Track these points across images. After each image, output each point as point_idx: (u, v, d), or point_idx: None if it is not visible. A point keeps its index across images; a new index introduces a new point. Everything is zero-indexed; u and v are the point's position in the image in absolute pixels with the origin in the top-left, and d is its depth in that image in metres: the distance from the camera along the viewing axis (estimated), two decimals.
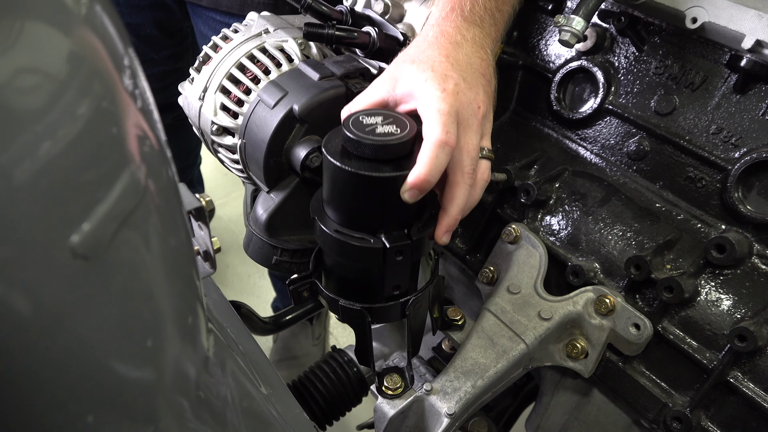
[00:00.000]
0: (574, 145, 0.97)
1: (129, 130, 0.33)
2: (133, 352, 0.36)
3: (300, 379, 1.19)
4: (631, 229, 0.86)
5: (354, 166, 0.67)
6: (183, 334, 0.45)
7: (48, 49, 0.27)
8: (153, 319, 0.38)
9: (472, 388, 0.81)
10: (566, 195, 0.93)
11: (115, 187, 0.31)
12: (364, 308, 0.76)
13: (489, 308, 0.89)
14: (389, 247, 0.70)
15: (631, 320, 0.81)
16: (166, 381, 0.42)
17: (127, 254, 0.33)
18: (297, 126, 0.82)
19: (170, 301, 0.41)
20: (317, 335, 1.99)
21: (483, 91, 0.73)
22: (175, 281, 0.41)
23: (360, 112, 0.71)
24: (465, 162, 0.69)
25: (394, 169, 0.67)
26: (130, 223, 0.33)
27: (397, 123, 0.70)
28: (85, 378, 0.32)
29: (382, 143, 0.67)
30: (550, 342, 0.87)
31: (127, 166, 0.32)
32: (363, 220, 0.71)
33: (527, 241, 0.92)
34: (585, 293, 0.85)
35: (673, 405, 0.80)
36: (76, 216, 0.28)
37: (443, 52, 0.73)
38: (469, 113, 0.70)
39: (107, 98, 0.30)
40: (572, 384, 0.94)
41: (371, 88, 0.76)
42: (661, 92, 0.86)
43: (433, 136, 0.67)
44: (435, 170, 0.66)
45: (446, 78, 0.70)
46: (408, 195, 0.67)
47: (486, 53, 0.77)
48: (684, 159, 0.84)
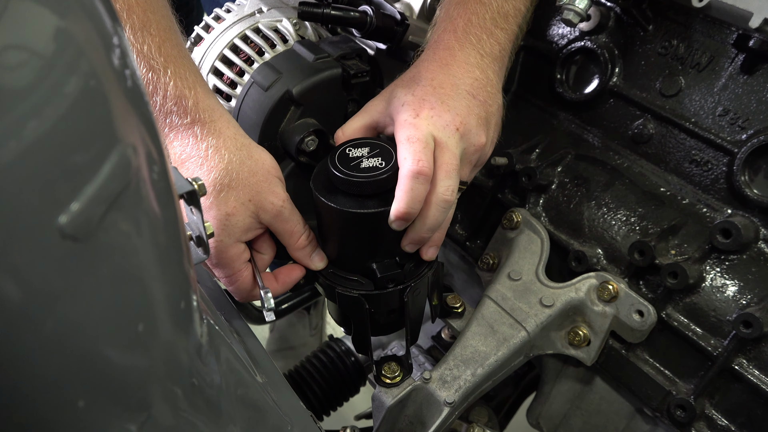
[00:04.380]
0: (577, 128, 0.97)
1: (118, 110, 0.33)
2: (123, 338, 0.37)
3: (297, 368, 1.20)
4: (634, 213, 0.87)
5: (339, 203, 0.71)
6: (175, 320, 0.45)
7: (34, 25, 0.27)
8: (144, 303, 0.39)
9: (472, 377, 0.81)
10: (569, 179, 0.93)
11: (104, 167, 0.31)
12: (361, 295, 0.76)
13: (489, 295, 0.89)
14: (380, 277, 0.75)
15: (634, 307, 0.82)
16: (158, 367, 0.43)
17: (117, 237, 0.34)
18: (292, 109, 0.82)
19: (162, 286, 0.41)
20: (314, 325, 1.99)
21: (467, 111, 0.73)
22: (166, 265, 0.42)
23: (348, 144, 0.75)
24: (439, 184, 0.70)
25: (378, 205, 0.71)
26: (120, 205, 0.33)
27: (383, 155, 0.73)
28: (75, 363, 0.32)
29: (364, 180, 0.70)
30: (552, 329, 0.87)
31: (116, 147, 0.32)
32: (354, 251, 0.76)
33: (528, 226, 0.93)
34: (587, 279, 0.86)
35: (677, 393, 0.80)
36: (64, 196, 0.28)
37: (429, 75, 0.75)
38: (446, 136, 0.71)
39: (95, 77, 0.30)
40: (574, 372, 0.94)
41: (366, 107, 0.79)
42: (666, 73, 0.86)
43: (405, 168, 0.68)
44: (413, 202, 0.68)
45: (422, 102, 0.72)
46: (395, 225, 0.71)
47: (482, 73, 0.77)
48: (689, 142, 0.84)
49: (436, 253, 0.78)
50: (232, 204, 0.71)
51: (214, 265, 0.75)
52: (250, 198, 0.72)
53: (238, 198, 0.71)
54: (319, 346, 1.22)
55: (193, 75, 0.71)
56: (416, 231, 0.73)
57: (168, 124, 0.70)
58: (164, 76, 0.68)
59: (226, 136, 0.72)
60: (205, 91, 0.72)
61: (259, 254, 0.79)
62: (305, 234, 0.78)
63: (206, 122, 0.71)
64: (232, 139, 0.72)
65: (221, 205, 0.71)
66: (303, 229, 0.77)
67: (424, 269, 0.80)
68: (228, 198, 0.71)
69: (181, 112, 0.70)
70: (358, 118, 0.79)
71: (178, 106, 0.70)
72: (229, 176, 0.71)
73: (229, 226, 0.72)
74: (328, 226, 0.76)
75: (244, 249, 0.76)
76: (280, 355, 1.90)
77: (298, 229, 0.77)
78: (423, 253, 0.77)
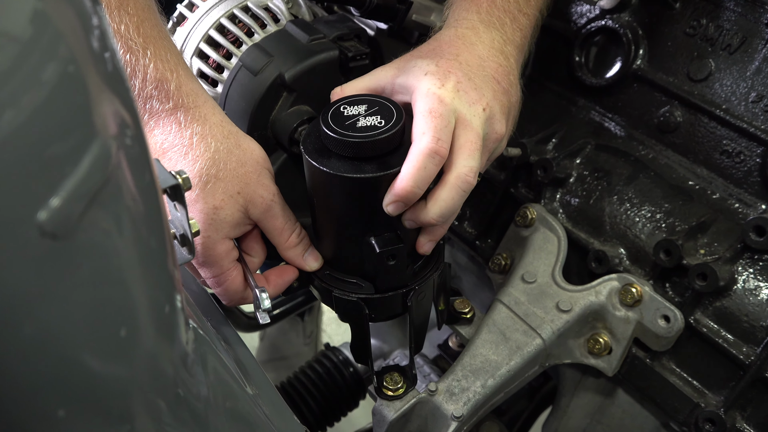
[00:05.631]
0: (598, 116, 0.97)
1: (98, 98, 0.34)
2: (104, 344, 0.37)
3: (290, 380, 1.21)
4: (660, 209, 0.87)
5: (332, 167, 0.69)
6: (158, 325, 0.46)
7: (9, 7, 0.28)
8: (126, 307, 0.40)
9: (482, 388, 0.82)
10: (588, 172, 0.94)
11: (84, 160, 0.32)
12: (360, 299, 0.77)
13: (501, 299, 0.90)
14: (379, 252, 0.72)
15: (660, 311, 0.82)
16: (141, 377, 0.44)
17: (97, 235, 0.35)
18: (284, 95, 0.83)
19: (144, 289, 0.42)
20: (309, 333, 2.00)
21: (492, 96, 0.73)
22: (149, 266, 0.43)
23: (342, 101, 0.73)
24: (460, 164, 0.70)
25: (378, 169, 0.69)
26: (100, 201, 0.34)
27: (382, 113, 0.71)
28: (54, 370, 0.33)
29: (361, 140, 0.68)
30: (570, 337, 0.88)
31: (96, 138, 0.33)
32: (350, 225, 0.74)
33: (544, 224, 0.93)
34: (609, 282, 0.87)
35: (706, 405, 0.81)
36: (43, 192, 0.29)
37: (454, 51, 0.75)
38: (471, 113, 0.71)
39: (74, 62, 0.31)
40: (594, 384, 0.95)
41: (371, 72, 0.78)
42: (694, 55, 0.87)
43: (422, 144, 0.67)
44: (421, 181, 0.68)
45: (448, 75, 0.71)
46: (392, 207, 0.69)
47: (506, 60, 0.78)
48: (720, 131, 0.85)
49: (432, 248, 0.78)
50: (219, 196, 0.72)
51: (201, 264, 0.75)
52: (239, 190, 0.73)
53: (226, 190, 0.72)
54: (314, 356, 1.23)
55: (174, 57, 0.72)
56: (426, 212, 0.71)
57: (148, 110, 0.71)
58: (143, 57, 0.69)
59: (212, 122, 0.72)
60: (188, 75, 0.73)
61: (249, 257, 0.79)
62: (296, 231, 0.78)
63: (190, 107, 0.72)
64: (219, 126, 0.73)
65: (208, 197, 0.71)
66: (294, 226, 0.78)
67: (429, 271, 0.80)
68: (215, 190, 0.71)
69: (162, 96, 0.71)
70: (362, 80, 0.78)
71: (159, 90, 0.70)
72: (216, 166, 0.71)
73: (216, 220, 0.72)
74: (320, 196, 0.74)
75: (233, 246, 0.76)
76: (272, 366, 1.90)
77: (288, 226, 0.77)
78: (419, 245, 0.77)
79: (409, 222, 0.73)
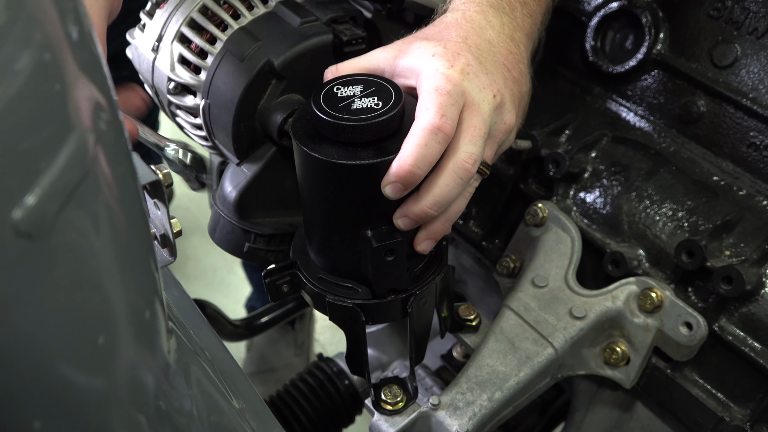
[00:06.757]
0: (615, 105, 0.98)
1: (74, 87, 0.34)
2: (81, 352, 0.38)
3: (279, 394, 1.21)
4: (682, 207, 0.88)
5: (325, 153, 0.69)
6: (138, 333, 0.47)
7: None
8: (104, 313, 0.40)
9: (489, 402, 0.83)
10: (604, 166, 0.95)
11: (60, 154, 0.33)
12: (356, 305, 0.77)
13: (510, 305, 0.91)
14: (376, 247, 0.72)
15: (681, 318, 0.83)
16: (119, 389, 0.44)
17: (74, 235, 0.35)
18: (273, 83, 0.83)
19: (124, 293, 0.43)
20: (300, 342, 2.01)
21: (503, 83, 0.74)
22: (129, 269, 0.43)
23: (335, 81, 0.73)
24: (460, 149, 0.70)
25: (374, 155, 0.69)
26: (77, 198, 0.35)
27: (380, 93, 0.71)
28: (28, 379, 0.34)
29: (357, 123, 0.68)
30: (584, 346, 0.89)
31: (73, 131, 0.34)
32: (344, 216, 0.74)
33: (556, 223, 0.94)
34: (626, 286, 0.87)
35: (731, 419, 0.82)
36: (19, 189, 0.30)
37: (462, 34, 0.75)
38: (480, 98, 0.71)
39: (50, 49, 0.32)
40: (611, 397, 0.96)
41: (369, 53, 0.78)
42: (719, 40, 0.88)
43: (425, 119, 0.67)
44: (423, 160, 0.67)
45: (457, 56, 0.72)
46: (390, 189, 0.69)
47: (516, 47, 0.79)
48: (747, 121, 0.86)
49: (431, 247, 0.78)
50: None
51: None
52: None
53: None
54: (306, 368, 1.23)
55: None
56: (418, 202, 0.71)
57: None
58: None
59: None
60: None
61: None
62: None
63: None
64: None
65: None
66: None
67: (431, 274, 0.80)
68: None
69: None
70: (359, 60, 0.78)
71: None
72: None
73: None
74: (311, 187, 0.74)
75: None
76: (260, 379, 1.91)
77: None
78: (417, 242, 0.76)
79: (402, 218, 0.72)
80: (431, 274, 0.80)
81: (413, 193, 0.71)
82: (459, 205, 0.76)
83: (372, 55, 0.78)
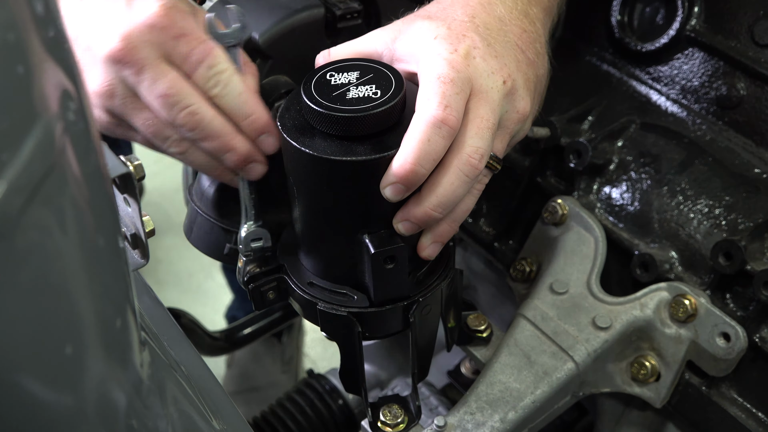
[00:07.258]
0: (644, 88, 0.98)
1: (40, 70, 0.35)
2: (47, 364, 0.39)
3: (264, 415, 1.22)
4: (720, 203, 0.89)
5: (316, 148, 0.69)
6: (108, 343, 0.47)
7: None
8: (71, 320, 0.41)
9: (501, 423, 0.83)
10: (632, 157, 0.95)
11: (25, 145, 0.33)
12: (351, 314, 0.78)
13: (525, 314, 0.91)
14: (374, 253, 0.72)
15: (718, 328, 0.83)
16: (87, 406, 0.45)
17: (39, 234, 0.36)
18: (258, 62, 0.84)
19: (91, 298, 0.44)
20: (287, 357, 2.01)
21: (516, 66, 0.74)
22: (97, 271, 0.44)
23: (328, 67, 0.73)
24: (465, 143, 0.70)
25: (372, 150, 0.69)
26: (43, 193, 0.35)
27: (378, 81, 0.71)
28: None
29: (352, 114, 0.68)
30: (609, 360, 0.89)
31: (39, 119, 0.35)
32: (339, 219, 0.74)
33: (578, 221, 0.94)
34: (657, 292, 0.88)
35: None
36: None
37: (469, 12, 0.76)
38: (489, 85, 0.72)
39: (15, 28, 0.32)
40: (639, 417, 0.96)
41: (365, 35, 0.79)
42: (760, 14, 0.88)
43: (427, 112, 0.68)
44: (426, 158, 0.68)
45: (462, 38, 0.72)
46: (390, 191, 0.69)
47: (531, 24, 0.79)
48: None
49: (437, 251, 0.78)
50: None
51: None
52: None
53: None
54: (294, 385, 1.23)
55: None
56: (421, 204, 0.71)
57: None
58: None
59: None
60: None
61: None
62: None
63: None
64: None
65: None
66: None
67: (436, 279, 0.81)
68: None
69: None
70: (354, 43, 0.79)
71: None
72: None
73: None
74: (301, 185, 0.74)
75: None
76: (242, 399, 1.91)
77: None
78: (421, 248, 0.77)
79: (403, 223, 0.73)
80: (436, 279, 0.81)
81: (415, 193, 0.71)
82: (467, 204, 0.76)
83: (369, 38, 0.78)
